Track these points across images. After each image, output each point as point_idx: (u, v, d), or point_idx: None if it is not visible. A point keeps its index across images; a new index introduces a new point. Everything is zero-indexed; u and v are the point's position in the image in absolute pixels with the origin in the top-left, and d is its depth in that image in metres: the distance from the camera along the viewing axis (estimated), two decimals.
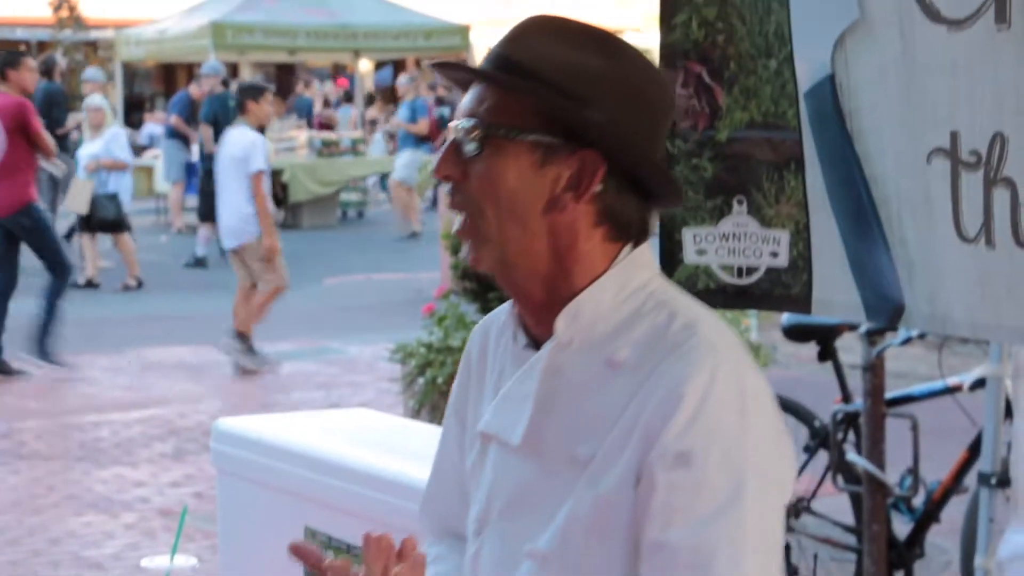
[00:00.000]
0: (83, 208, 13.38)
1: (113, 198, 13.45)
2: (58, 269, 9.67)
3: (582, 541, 1.71)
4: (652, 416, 1.67)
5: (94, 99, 14.55)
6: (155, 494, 6.80)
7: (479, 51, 29.64)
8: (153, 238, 18.36)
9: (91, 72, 16.73)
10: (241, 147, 9.32)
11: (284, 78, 30.01)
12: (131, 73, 24.35)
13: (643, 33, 32.90)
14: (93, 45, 27.70)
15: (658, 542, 1.65)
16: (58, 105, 14.87)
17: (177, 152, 17.67)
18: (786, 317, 5.07)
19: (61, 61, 16.76)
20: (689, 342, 1.70)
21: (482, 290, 5.48)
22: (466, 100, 1.78)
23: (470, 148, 1.74)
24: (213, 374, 9.64)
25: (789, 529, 5.18)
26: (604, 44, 1.77)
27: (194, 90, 17.24)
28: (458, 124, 1.76)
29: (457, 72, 1.83)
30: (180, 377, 9.56)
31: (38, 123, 9.70)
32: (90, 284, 13.66)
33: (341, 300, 12.81)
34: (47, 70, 14.77)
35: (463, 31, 19.34)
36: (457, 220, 1.78)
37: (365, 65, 26.25)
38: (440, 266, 12.31)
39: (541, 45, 1.75)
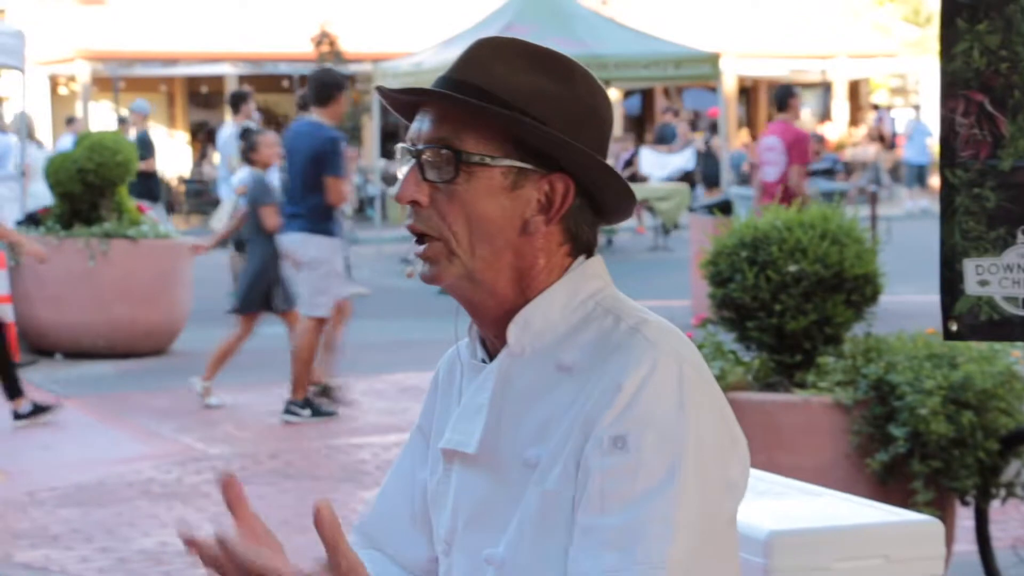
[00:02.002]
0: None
1: None
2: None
3: (533, 540, 1.72)
4: (592, 409, 1.69)
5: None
6: None
7: (728, 79, 29.53)
8: (403, 266, 18.82)
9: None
10: None
11: None
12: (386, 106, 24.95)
13: (898, 58, 32.32)
14: (351, 78, 28.56)
15: (589, 525, 1.67)
16: None
17: None
18: None
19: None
20: (631, 340, 1.73)
21: (740, 319, 5.48)
22: (423, 125, 1.79)
23: (440, 174, 1.76)
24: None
25: None
26: (554, 65, 1.79)
27: None
28: (419, 148, 1.77)
29: (410, 96, 1.82)
30: None
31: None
32: None
33: None
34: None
35: (713, 59, 19.29)
36: (413, 242, 1.79)
37: (614, 94, 26.43)
38: (691, 293, 12.29)
39: (497, 69, 1.77)
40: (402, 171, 1.81)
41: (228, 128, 14.86)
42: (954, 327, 2.78)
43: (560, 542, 1.71)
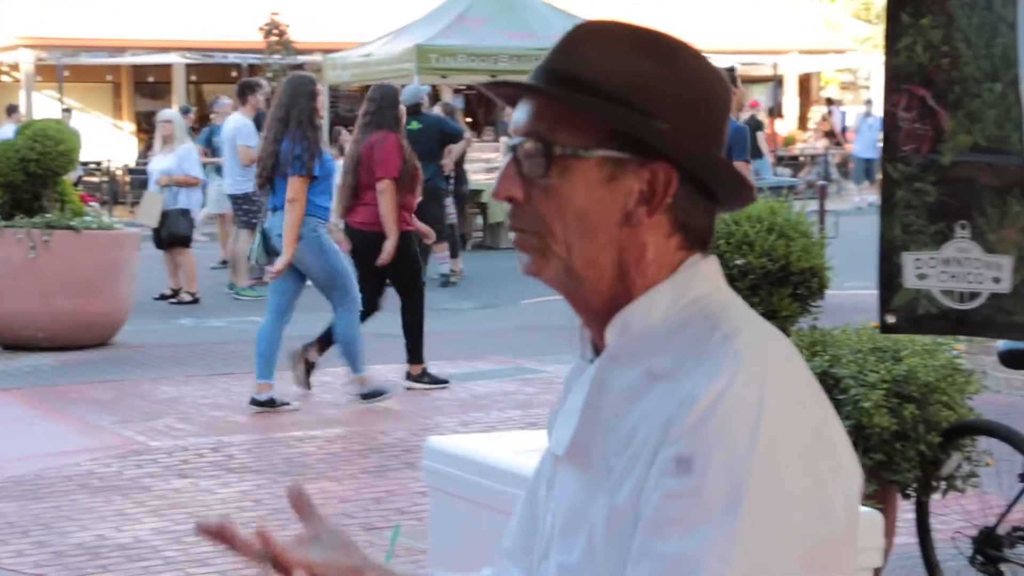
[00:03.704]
0: (154, 222, 13.83)
1: (185, 213, 13.84)
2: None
3: (603, 554, 1.63)
4: (666, 421, 1.58)
5: (165, 112, 15.03)
6: (359, 510, 6.92)
7: None
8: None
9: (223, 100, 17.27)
10: None
11: (485, 100, 30.35)
12: (337, 96, 24.88)
13: (848, 54, 32.51)
14: (300, 69, 28.43)
15: (645, 549, 1.56)
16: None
17: None
18: (1002, 343, 4.95)
19: (266, 85, 17.27)
20: (719, 350, 1.61)
21: None
22: (519, 117, 1.71)
23: (534, 169, 1.67)
24: (413, 392, 9.78)
25: (1004, 559, 5.05)
26: (659, 47, 1.68)
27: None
28: (516, 142, 1.69)
29: (507, 89, 1.74)
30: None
31: None
32: (165, 297, 14.33)
33: (538, 320, 12.88)
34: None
35: None
36: (514, 233, 1.71)
37: None
38: None
39: (595, 56, 1.67)
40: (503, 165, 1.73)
41: (235, 119, 14.58)
42: (892, 320, 2.77)
43: (625, 561, 1.60)
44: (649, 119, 1.65)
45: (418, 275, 9.87)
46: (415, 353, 9.85)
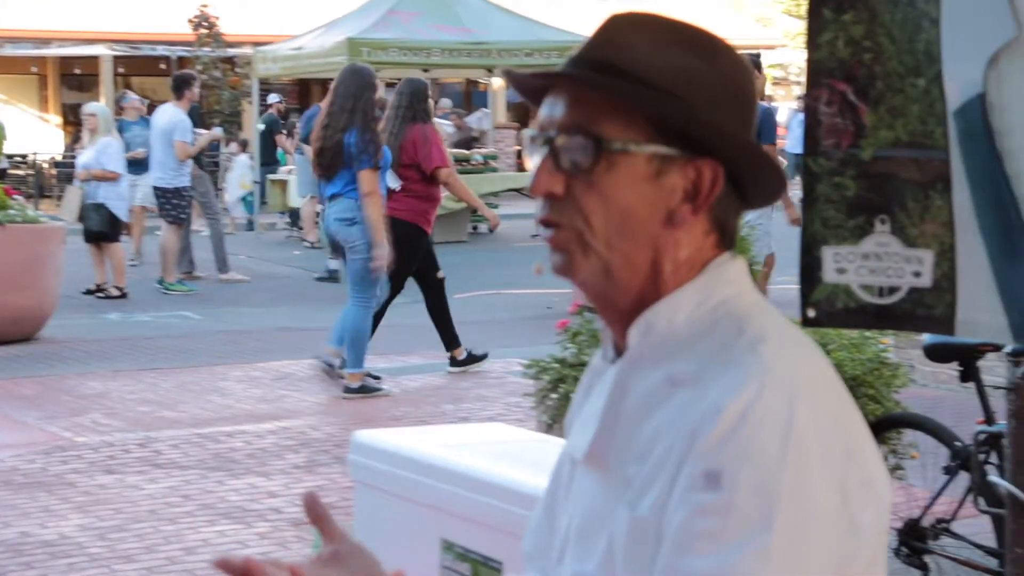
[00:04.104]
0: (72, 216, 13.75)
1: (99, 208, 13.72)
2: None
3: (623, 566, 1.58)
4: (691, 431, 1.53)
5: (89, 106, 14.91)
6: (288, 505, 6.89)
7: None
8: (286, 252, 18.67)
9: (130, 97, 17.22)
10: None
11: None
12: (267, 89, 24.72)
13: (778, 50, 32.73)
14: (231, 62, 28.23)
15: (673, 566, 1.51)
16: (195, 124, 15.20)
17: (310, 167, 17.98)
18: (927, 337, 5.00)
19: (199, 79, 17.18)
20: (746, 358, 1.55)
21: None
22: (555, 109, 1.63)
23: (578, 163, 1.60)
24: (343, 386, 9.74)
25: (928, 551, 5.11)
26: (699, 41, 1.64)
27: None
28: (552, 135, 1.63)
29: (542, 80, 1.68)
30: (311, 389, 9.67)
31: None
32: (91, 292, 14.18)
33: (470, 315, 12.88)
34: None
35: None
36: (546, 230, 1.65)
37: (499, 81, 26.41)
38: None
39: (637, 46, 1.61)
40: (533, 160, 1.65)
41: (170, 112, 14.42)
42: (812, 313, 2.79)
43: (650, 574, 1.56)
44: (696, 113, 1.60)
45: (435, 266, 10.05)
46: (449, 338, 10.09)
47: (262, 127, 21.79)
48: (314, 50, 19.83)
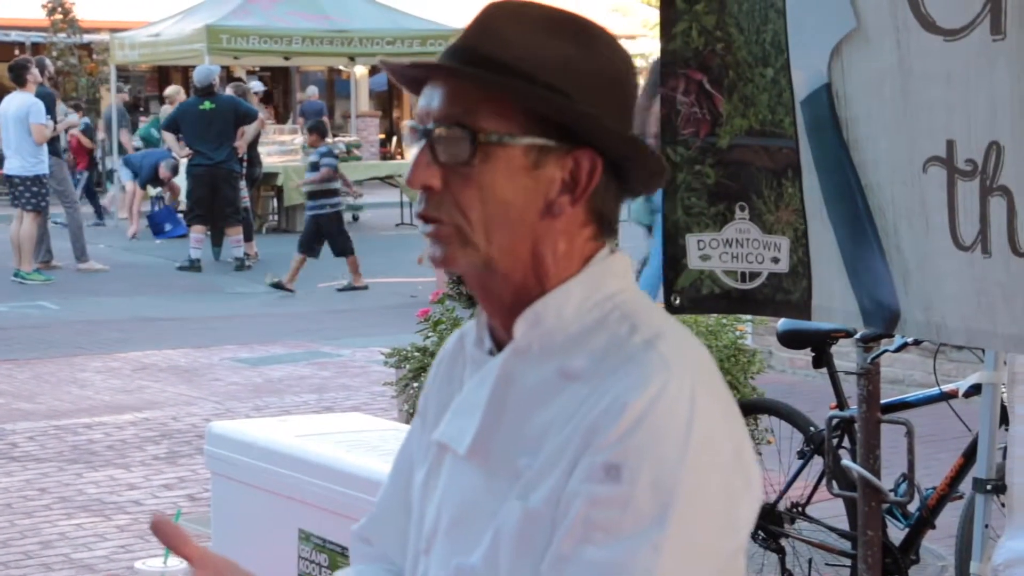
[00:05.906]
0: None
1: None
2: None
3: (511, 557, 1.58)
4: (590, 426, 1.54)
5: None
6: (148, 496, 6.80)
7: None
8: (146, 241, 18.40)
9: None
10: None
11: (281, 82, 30.03)
12: (125, 76, 24.30)
13: (637, 40, 33.03)
14: (87, 48, 27.69)
15: (566, 555, 1.53)
16: (48, 108, 14.87)
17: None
18: (781, 323, 5.08)
19: (50, 64, 16.80)
20: (645, 355, 1.56)
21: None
22: (432, 101, 1.62)
23: (455, 156, 1.59)
24: (205, 377, 9.64)
25: (784, 535, 5.20)
26: (575, 28, 1.64)
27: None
28: (429, 127, 1.61)
29: (417, 71, 1.66)
30: (172, 380, 9.56)
31: None
32: None
33: (334, 304, 12.81)
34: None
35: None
36: (426, 225, 1.64)
37: (361, 70, 26.26)
38: (435, 271, 12.32)
39: (514, 37, 1.60)
40: (411, 152, 1.63)
41: (19, 99, 14.06)
42: (677, 300, 2.83)
43: (539, 566, 1.55)
44: (574, 104, 1.60)
45: None
46: None
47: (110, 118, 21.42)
48: (172, 37, 19.55)
